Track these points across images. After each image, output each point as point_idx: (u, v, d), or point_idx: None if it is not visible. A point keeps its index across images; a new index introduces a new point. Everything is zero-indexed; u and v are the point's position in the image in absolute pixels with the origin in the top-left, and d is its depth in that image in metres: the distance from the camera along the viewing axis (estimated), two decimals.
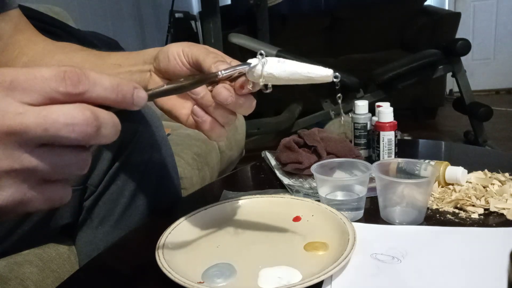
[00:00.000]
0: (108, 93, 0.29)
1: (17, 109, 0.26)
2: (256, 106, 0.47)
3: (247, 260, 0.51)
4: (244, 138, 1.76)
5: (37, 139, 0.27)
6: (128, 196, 0.66)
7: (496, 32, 3.69)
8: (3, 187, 0.27)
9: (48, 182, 0.30)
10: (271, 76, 0.41)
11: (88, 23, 2.40)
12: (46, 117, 0.26)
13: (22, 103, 0.27)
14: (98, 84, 0.28)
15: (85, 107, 0.28)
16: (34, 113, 0.26)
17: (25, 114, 0.26)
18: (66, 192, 0.31)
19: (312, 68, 0.40)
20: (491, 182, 0.67)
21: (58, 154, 0.28)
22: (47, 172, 0.28)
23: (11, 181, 0.28)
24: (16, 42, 0.60)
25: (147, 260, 0.51)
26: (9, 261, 0.62)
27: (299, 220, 0.60)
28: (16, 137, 0.26)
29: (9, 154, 0.27)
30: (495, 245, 0.52)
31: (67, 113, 0.27)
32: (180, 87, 0.38)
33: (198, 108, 0.45)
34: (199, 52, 0.46)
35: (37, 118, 0.26)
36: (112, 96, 0.29)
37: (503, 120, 2.90)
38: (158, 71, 0.50)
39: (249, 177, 0.89)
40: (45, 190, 0.29)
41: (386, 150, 0.80)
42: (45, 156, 0.28)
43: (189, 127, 0.48)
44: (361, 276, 0.47)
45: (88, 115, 0.27)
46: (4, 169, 0.27)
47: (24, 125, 0.26)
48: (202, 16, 2.33)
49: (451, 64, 2.33)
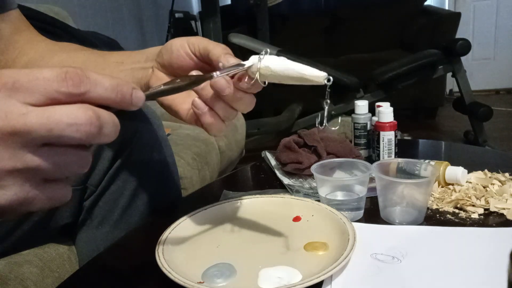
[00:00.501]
0: (109, 93, 0.29)
1: (20, 110, 0.27)
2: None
3: (247, 260, 0.51)
4: (244, 138, 1.76)
5: (41, 139, 0.27)
6: (128, 196, 0.66)
7: (496, 32, 3.69)
8: (6, 187, 0.28)
9: (50, 181, 0.30)
10: (267, 69, 0.41)
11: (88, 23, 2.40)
12: (50, 117, 0.27)
13: (25, 104, 0.27)
14: (99, 85, 0.29)
15: (88, 107, 0.28)
16: (38, 113, 0.27)
17: (28, 115, 0.27)
18: (67, 191, 0.31)
19: (306, 67, 0.40)
20: (491, 182, 0.67)
21: (60, 153, 0.29)
22: (49, 171, 0.29)
23: (14, 180, 0.28)
24: (16, 43, 0.60)
25: (147, 260, 0.51)
26: (9, 261, 0.62)
27: (299, 220, 0.60)
28: (19, 137, 0.27)
29: (12, 154, 0.27)
30: (495, 245, 0.52)
31: (70, 113, 0.27)
32: (176, 87, 0.39)
33: (198, 100, 0.45)
34: (207, 42, 0.46)
35: (41, 119, 0.27)
36: (112, 96, 0.30)
37: (503, 120, 2.90)
38: (162, 66, 0.50)
39: (249, 177, 0.89)
40: (47, 189, 0.30)
41: (386, 150, 0.80)
42: (47, 156, 0.28)
43: (189, 122, 0.48)
44: (361, 276, 0.47)
45: (91, 115, 0.28)
46: (7, 169, 0.27)
47: (28, 125, 0.27)
48: (202, 16, 2.33)
49: (451, 64, 2.33)
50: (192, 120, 0.48)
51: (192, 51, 0.47)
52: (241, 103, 0.45)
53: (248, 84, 0.43)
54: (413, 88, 2.63)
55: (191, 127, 1.41)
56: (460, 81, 2.34)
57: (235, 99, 0.44)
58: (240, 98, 0.44)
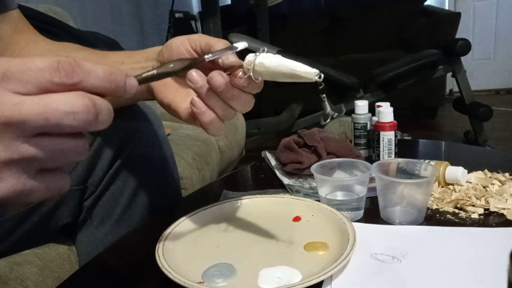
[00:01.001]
0: (102, 82, 0.29)
1: (13, 100, 0.26)
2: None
3: (247, 260, 0.51)
4: (244, 138, 1.76)
5: (37, 128, 0.27)
6: (128, 196, 0.66)
7: (496, 32, 3.69)
8: (2, 179, 0.27)
9: (47, 171, 0.29)
10: (261, 65, 0.41)
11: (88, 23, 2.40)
12: (46, 106, 0.26)
13: (17, 94, 0.26)
14: (92, 74, 0.29)
15: (84, 94, 0.28)
16: (33, 103, 0.26)
17: (23, 104, 0.26)
18: (65, 180, 0.31)
19: (298, 64, 0.41)
20: (491, 182, 0.67)
21: (56, 142, 0.28)
22: (46, 160, 0.28)
23: (11, 172, 0.27)
24: (16, 43, 0.60)
25: (147, 260, 0.51)
26: (9, 261, 0.62)
27: (299, 220, 0.60)
28: (14, 127, 0.26)
29: (7, 145, 0.27)
30: (495, 245, 0.52)
31: (67, 101, 0.27)
32: (169, 72, 0.39)
33: (197, 99, 0.45)
34: (209, 38, 0.47)
35: (37, 108, 0.26)
36: (106, 85, 0.30)
37: (503, 120, 2.90)
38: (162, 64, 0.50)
39: (249, 177, 0.89)
40: (45, 179, 0.29)
41: (386, 150, 0.80)
42: (43, 145, 0.28)
43: (188, 121, 0.48)
44: (361, 276, 0.47)
45: (88, 102, 0.28)
46: (3, 160, 0.27)
47: (24, 115, 0.26)
48: (202, 16, 2.33)
49: (451, 64, 2.33)
50: (191, 119, 0.48)
51: (193, 47, 0.47)
52: (238, 101, 0.44)
53: (242, 80, 0.43)
54: (413, 88, 2.63)
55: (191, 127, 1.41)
56: (460, 81, 2.34)
57: (232, 97, 0.44)
58: (237, 96, 0.44)
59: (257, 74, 0.42)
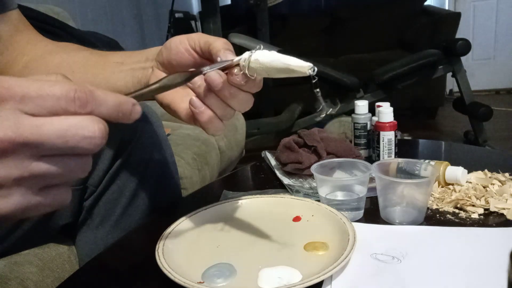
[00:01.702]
0: (111, 112, 0.31)
1: (32, 122, 0.27)
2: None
3: (247, 260, 0.51)
4: (244, 138, 1.76)
5: (53, 150, 0.28)
6: (128, 196, 0.66)
7: (496, 32, 3.69)
8: (11, 195, 0.28)
9: (51, 186, 0.30)
10: (256, 62, 0.41)
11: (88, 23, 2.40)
12: (67, 130, 0.28)
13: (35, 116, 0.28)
14: (104, 105, 0.30)
15: (100, 121, 0.30)
16: (53, 125, 0.28)
17: (43, 126, 0.27)
18: (67, 194, 0.32)
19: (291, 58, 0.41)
20: (491, 182, 0.67)
21: (65, 161, 0.29)
22: (54, 178, 0.30)
23: (18, 188, 0.28)
24: (16, 43, 0.60)
25: (147, 260, 0.51)
26: (9, 261, 0.62)
27: (299, 220, 0.60)
28: (31, 148, 0.27)
29: (19, 163, 0.28)
30: (495, 245, 0.52)
31: (86, 127, 0.29)
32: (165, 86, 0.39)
33: (195, 99, 0.45)
34: (208, 36, 0.47)
35: (58, 131, 0.28)
36: (114, 114, 0.31)
37: (503, 120, 2.90)
38: (161, 64, 0.50)
39: (249, 177, 0.89)
40: (49, 195, 0.30)
41: (386, 150, 0.80)
42: (53, 163, 0.29)
43: (188, 121, 0.48)
44: (361, 276, 0.47)
45: (102, 128, 0.29)
46: (14, 177, 0.28)
47: (44, 137, 0.27)
48: (202, 16, 2.33)
49: (451, 64, 2.33)
50: (190, 119, 0.48)
51: (192, 46, 0.47)
52: (237, 100, 0.44)
53: (238, 77, 0.43)
54: (413, 88, 2.63)
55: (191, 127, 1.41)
56: (460, 81, 2.34)
57: (230, 96, 0.44)
58: (235, 95, 0.44)
59: (253, 70, 0.42)
